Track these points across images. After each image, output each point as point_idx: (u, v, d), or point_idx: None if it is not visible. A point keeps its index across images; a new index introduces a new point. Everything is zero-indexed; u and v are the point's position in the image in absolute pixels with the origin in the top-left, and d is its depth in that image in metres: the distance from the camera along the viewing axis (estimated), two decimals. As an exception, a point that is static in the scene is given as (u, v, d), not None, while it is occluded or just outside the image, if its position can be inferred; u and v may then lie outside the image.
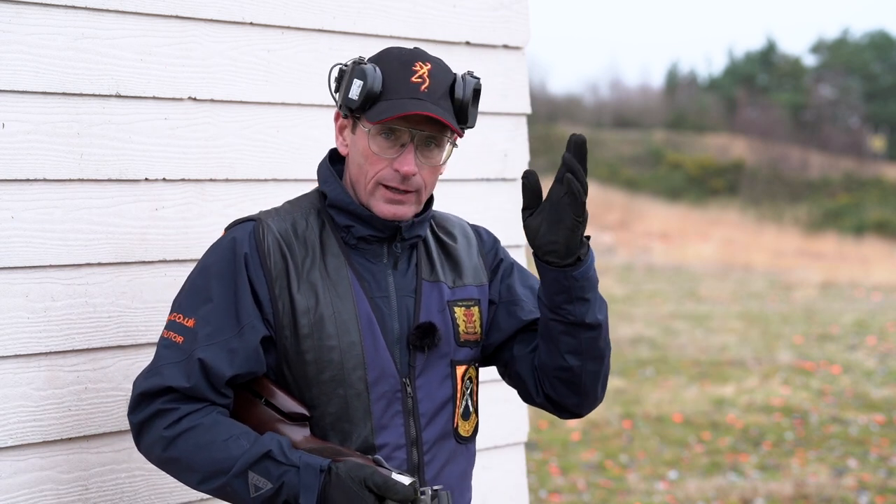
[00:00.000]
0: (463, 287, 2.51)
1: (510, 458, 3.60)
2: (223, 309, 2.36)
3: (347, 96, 2.38)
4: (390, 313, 2.42)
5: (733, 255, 23.23)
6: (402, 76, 2.37)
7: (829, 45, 49.24)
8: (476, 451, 2.58)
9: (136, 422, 2.36)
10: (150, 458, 2.39)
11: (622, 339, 13.22)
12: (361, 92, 2.36)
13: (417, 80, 2.37)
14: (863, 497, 7.63)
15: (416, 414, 2.42)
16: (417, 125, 2.38)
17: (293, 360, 2.39)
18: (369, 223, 2.42)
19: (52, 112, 2.66)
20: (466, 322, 2.49)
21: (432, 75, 2.38)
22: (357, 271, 2.42)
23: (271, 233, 2.40)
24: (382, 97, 2.37)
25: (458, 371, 2.48)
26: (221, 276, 2.37)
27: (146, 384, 2.35)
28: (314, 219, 2.45)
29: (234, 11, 2.97)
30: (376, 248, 2.44)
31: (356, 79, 2.37)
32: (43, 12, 2.65)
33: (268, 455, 2.29)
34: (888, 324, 14.27)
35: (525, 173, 2.35)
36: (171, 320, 2.39)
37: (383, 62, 2.40)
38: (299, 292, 2.38)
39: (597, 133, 39.13)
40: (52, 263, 2.65)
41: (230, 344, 2.35)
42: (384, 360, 2.40)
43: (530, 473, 8.12)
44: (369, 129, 2.37)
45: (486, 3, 3.52)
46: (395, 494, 2.24)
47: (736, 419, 9.72)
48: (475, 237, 2.59)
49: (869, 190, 33.22)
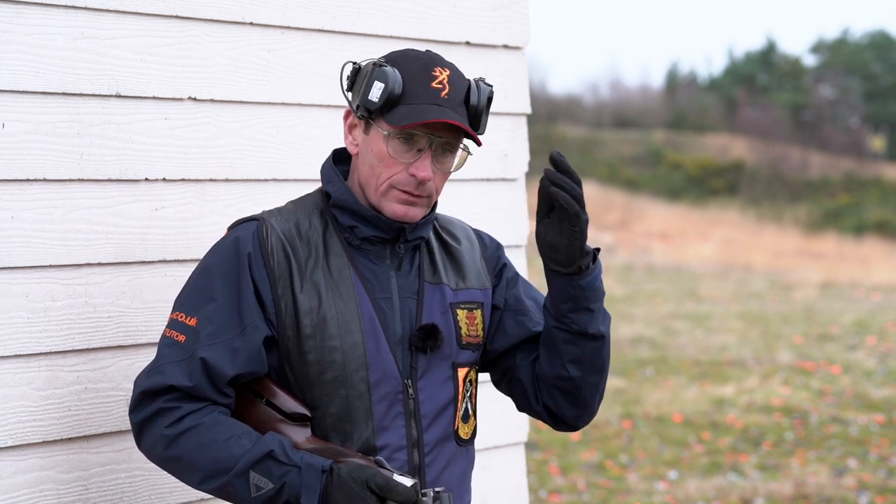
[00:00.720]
0: (466, 290, 2.51)
1: (510, 458, 3.60)
2: (226, 308, 2.36)
3: (367, 97, 2.36)
4: (392, 314, 2.42)
5: (733, 255, 23.23)
6: (423, 81, 2.36)
7: (829, 45, 49.25)
8: (475, 452, 2.58)
9: (137, 420, 2.36)
10: (150, 458, 2.38)
11: (622, 339, 13.23)
12: (382, 94, 2.35)
13: (438, 87, 2.36)
14: (863, 497, 7.63)
15: (417, 415, 2.42)
16: (436, 131, 2.37)
17: (295, 360, 2.39)
18: (373, 224, 2.42)
19: (52, 112, 2.66)
20: (469, 325, 2.49)
21: (451, 82, 2.38)
22: (360, 272, 2.42)
23: (275, 232, 2.40)
24: (402, 101, 2.36)
25: (460, 373, 2.48)
26: (225, 276, 2.37)
27: (148, 382, 2.35)
28: (317, 219, 2.44)
29: (234, 11, 2.97)
30: (380, 248, 2.44)
31: (377, 80, 2.35)
32: (43, 12, 2.65)
33: (270, 455, 2.29)
34: (888, 324, 14.27)
35: (543, 177, 2.34)
36: (174, 319, 2.38)
37: (402, 65, 2.38)
38: (302, 292, 2.38)
39: (597, 133, 39.15)
40: (52, 263, 2.65)
41: (233, 343, 2.34)
42: (386, 362, 2.39)
43: (530, 473, 8.12)
44: (389, 132, 2.36)
45: (486, 3, 3.52)
46: (397, 496, 2.24)
47: (736, 419, 9.72)
48: (478, 241, 2.59)
49: (869, 190, 33.22)
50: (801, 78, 46.56)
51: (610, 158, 36.07)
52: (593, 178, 32.15)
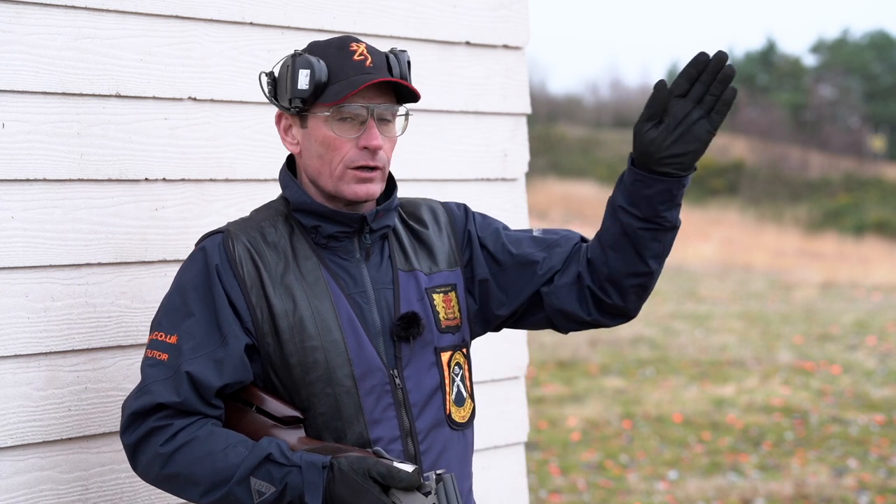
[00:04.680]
0: (439, 272, 2.51)
1: (510, 458, 3.60)
2: (204, 321, 2.36)
3: (296, 89, 2.37)
4: (369, 307, 2.42)
5: (733, 255, 23.22)
6: (344, 57, 2.38)
7: (829, 45, 49.25)
8: (474, 437, 2.57)
9: (129, 442, 2.36)
10: (147, 478, 2.37)
11: (622, 339, 13.23)
12: (311, 80, 2.36)
13: (360, 58, 2.39)
14: (863, 497, 7.63)
15: (407, 405, 2.42)
16: (373, 100, 2.39)
17: (278, 364, 2.39)
18: (334, 219, 2.42)
19: (52, 112, 2.66)
20: (446, 308, 2.49)
21: (371, 52, 2.41)
22: (332, 270, 2.42)
23: (240, 242, 2.40)
24: (331, 81, 2.37)
25: (444, 357, 2.48)
26: (197, 290, 2.38)
27: (136, 404, 2.34)
28: (282, 224, 2.45)
29: (234, 11, 2.97)
30: (347, 244, 2.44)
31: (301, 69, 2.37)
32: (43, 12, 2.65)
33: (268, 458, 2.28)
34: (888, 324, 14.27)
35: (659, 83, 2.35)
36: (153, 339, 2.38)
37: (318, 50, 2.41)
38: (276, 297, 2.38)
39: (597, 133, 39.13)
40: (52, 263, 2.65)
41: (216, 354, 2.35)
42: (369, 355, 2.40)
43: (530, 473, 8.12)
44: (329, 112, 2.38)
45: (486, 3, 3.52)
46: (400, 482, 2.24)
47: (736, 419, 9.72)
48: (444, 216, 2.58)
49: (869, 190, 33.21)
50: (801, 78, 46.55)
51: (610, 158, 36.05)
52: (593, 178, 32.16)
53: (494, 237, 2.56)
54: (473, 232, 2.57)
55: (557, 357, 12.21)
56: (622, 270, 2.47)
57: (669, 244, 2.48)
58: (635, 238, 2.44)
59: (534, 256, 2.53)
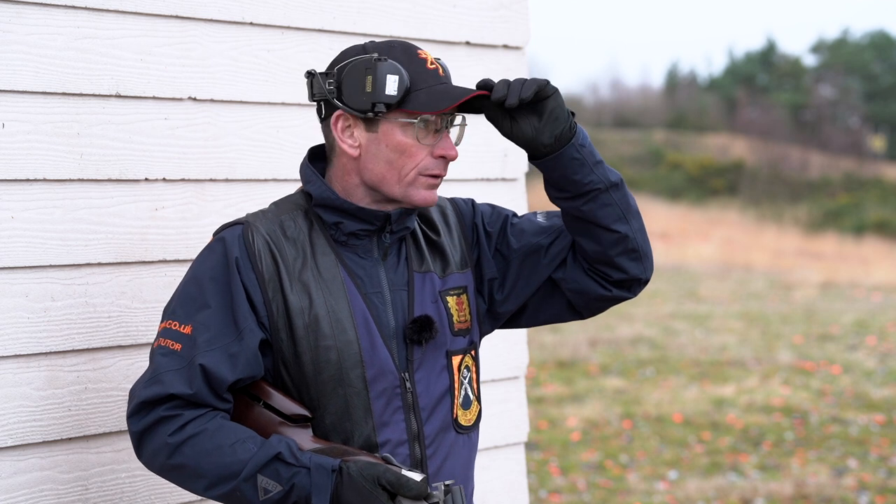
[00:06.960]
0: (452, 274, 2.50)
1: (510, 458, 3.60)
2: (220, 313, 2.34)
3: (383, 93, 2.33)
4: (385, 308, 2.41)
5: (733, 255, 23.22)
6: (419, 65, 2.37)
7: (829, 45, 49.24)
8: (478, 439, 2.56)
9: (137, 430, 2.34)
10: (152, 467, 2.35)
11: (622, 339, 13.22)
12: (400, 86, 2.34)
13: (433, 67, 2.38)
14: (863, 497, 7.63)
15: (416, 408, 2.42)
16: (446, 110, 2.38)
17: (290, 361, 2.38)
18: (358, 217, 2.40)
19: (52, 112, 2.66)
20: (458, 311, 2.49)
21: (437, 60, 2.41)
22: (349, 269, 2.41)
23: (260, 235, 2.38)
24: (413, 88, 2.36)
25: (454, 361, 2.47)
26: (215, 281, 2.36)
27: (147, 392, 2.32)
28: (302, 219, 2.43)
29: (234, 11, 2.97)
30: (366, 242, 2.43)
31: (389, 74, 2.33)
32: (43, 12, 2.65)
33: (278, 457, 2.28)
34: (888, 324, 14.27)
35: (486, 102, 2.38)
36: (166, 328, 2.36)
37: (390, 54, 2.37)
38: (293, 293, 2.37)
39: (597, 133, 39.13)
40: (52, 263, 2.65)
41: (231, 348, 2.33)
42: (382, 357, 2.39)
43: (530, 473, 8.13)
44: (415, 120, 2.35)
45: (486, 3, 3.52)
46: (409, 491, 2.24)
47: (736, 419, 9.72)
48: (454, 214, 2.57)
49: (869, 190, 33.21)
50: (801, 78, 46.54)
51: (610, 158, 36.03)
52: (593, 178, 32.05)
53: (501, 232, 2.56)
54: (481, 228, 2.56)
55: (557, 357, 12.21)
56: (599, 248, 2.46)
57: (623, 201, 2.44)
58: (587, 215, 2.43)
59: (538, 244, 2.52)
